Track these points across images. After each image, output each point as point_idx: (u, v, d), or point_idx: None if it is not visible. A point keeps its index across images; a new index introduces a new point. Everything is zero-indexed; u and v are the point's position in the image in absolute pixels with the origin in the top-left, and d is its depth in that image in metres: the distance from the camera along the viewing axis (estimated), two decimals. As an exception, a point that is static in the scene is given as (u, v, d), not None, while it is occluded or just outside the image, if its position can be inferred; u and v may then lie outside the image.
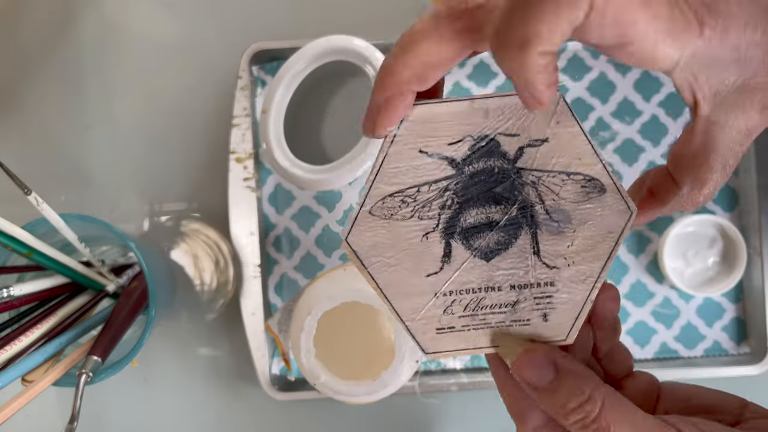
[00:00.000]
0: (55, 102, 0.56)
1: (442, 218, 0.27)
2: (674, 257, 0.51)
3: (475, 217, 0.26)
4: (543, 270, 0.27)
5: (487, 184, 0.26)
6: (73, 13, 0.56)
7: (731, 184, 0.52)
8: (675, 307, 0.53)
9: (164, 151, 0.56)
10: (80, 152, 0.56)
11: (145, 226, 0.55)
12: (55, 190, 0.55)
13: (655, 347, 0.53)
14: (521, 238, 0.27)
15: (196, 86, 0.56)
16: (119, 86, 0.56)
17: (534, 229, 0.27)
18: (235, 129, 0.52)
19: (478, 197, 0.26)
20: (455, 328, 0.28)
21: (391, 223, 0.26)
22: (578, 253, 0.27)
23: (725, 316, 0.53)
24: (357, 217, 0.26)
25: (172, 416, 0.56)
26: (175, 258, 0.55)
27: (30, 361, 0.44)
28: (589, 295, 0.27)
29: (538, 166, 0.26)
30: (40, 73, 0.56)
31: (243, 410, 0.55)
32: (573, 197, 0.27)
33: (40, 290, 0.47)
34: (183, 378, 0.55)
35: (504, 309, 0.27)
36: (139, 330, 0.48)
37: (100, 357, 0.43)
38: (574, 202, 0.27)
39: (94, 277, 0.49)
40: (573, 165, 0.26)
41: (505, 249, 0.27)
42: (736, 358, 0.52)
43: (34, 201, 0.41)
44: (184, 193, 0.55)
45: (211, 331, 0.55)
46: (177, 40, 0.56)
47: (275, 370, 0.53)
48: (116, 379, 0.55)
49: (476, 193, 0.26)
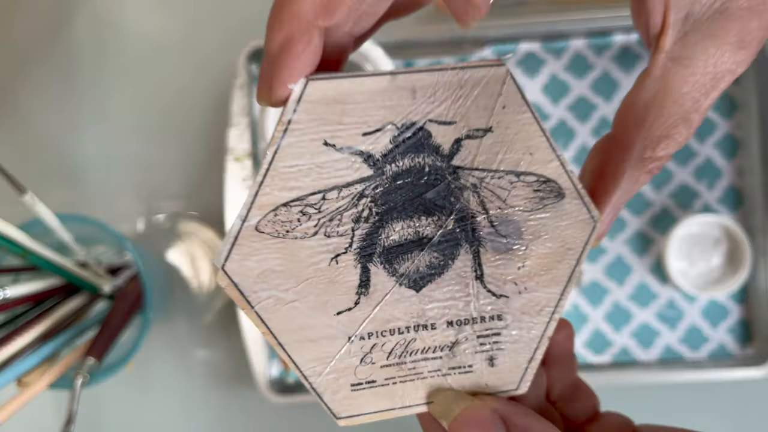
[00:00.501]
0: (51, 101, 0.56)
1: (357, 235, 0.20)
2: (678, 258, 0.50)
3: (401, 233, 0.20)
4: (488, 300, 0.21)
5: (416, 188, 0.20)
6: (69, 11, 0.56)
7: (736, 185, 0.52)
8: (679, 309, 0.52)
9: (161, 150, 0.55)
10: (76, 152, 0.55)
11: (141, 227, 0.55)
12: (51, 190, 0.55)
13: (659, 349, 0.52)
14: (460, 259, 0.21)
15: (193, 85, 0.55)
16: (115, 85, 0.55)
17: (476, 246, 0.21)
18: (233, 128, 0.51)
19: (404, 206, 0.20)
20: (376, 382, 0.22)
21: (286, 242, 0.20)
22: (531, 276, 0.22)
23: (730, 317, 0.52)
24: (238, 236, 0.19)
25: (168, 419, 0.55)
26: (172, 259, 0.55)
27: (26, 363, 0.43)
28: (545, 331, 0.22)
29: (480, 164, 0.21)
30: (36, 72, 0.56)
31: (240, 413, 0.55)
32: (524, 204, 0.21)
33: (35, 291, 0.46)
34: (180, 380, 0.55)
35: (439, 353, 0.22)
36: (136, 332, 0.48)
37: (96, 358, 0.42)
38: (525, 211, 0.21)
39: (90, 278, 0.48)
40: (524, 162, 0.21)
41: (439, 274, 0.21)
42: (740, 360, 0.52)
43: (30, 201, 0.41)
44: (181, 192, 0.55)
45: (209, 333, 0.55)
46: (174, 39, 0.56)
47: (273, 373, 0.52)
48: (112, 382, 0.55)
49: (401, 200, 0.20)
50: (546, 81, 0.52)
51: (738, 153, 0.52)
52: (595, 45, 0.52)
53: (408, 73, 0.20)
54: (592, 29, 0.51)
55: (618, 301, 0.52)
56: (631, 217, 0.52)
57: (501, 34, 0.51)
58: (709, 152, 0.52)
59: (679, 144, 0.21)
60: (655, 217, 0.52)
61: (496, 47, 0.52)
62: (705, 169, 0.52)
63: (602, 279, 0.52)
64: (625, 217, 0.52)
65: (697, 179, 0.52)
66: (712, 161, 0.52)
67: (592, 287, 0.52)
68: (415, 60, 0.53)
